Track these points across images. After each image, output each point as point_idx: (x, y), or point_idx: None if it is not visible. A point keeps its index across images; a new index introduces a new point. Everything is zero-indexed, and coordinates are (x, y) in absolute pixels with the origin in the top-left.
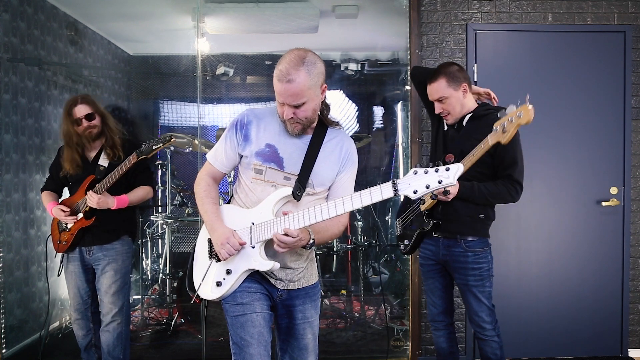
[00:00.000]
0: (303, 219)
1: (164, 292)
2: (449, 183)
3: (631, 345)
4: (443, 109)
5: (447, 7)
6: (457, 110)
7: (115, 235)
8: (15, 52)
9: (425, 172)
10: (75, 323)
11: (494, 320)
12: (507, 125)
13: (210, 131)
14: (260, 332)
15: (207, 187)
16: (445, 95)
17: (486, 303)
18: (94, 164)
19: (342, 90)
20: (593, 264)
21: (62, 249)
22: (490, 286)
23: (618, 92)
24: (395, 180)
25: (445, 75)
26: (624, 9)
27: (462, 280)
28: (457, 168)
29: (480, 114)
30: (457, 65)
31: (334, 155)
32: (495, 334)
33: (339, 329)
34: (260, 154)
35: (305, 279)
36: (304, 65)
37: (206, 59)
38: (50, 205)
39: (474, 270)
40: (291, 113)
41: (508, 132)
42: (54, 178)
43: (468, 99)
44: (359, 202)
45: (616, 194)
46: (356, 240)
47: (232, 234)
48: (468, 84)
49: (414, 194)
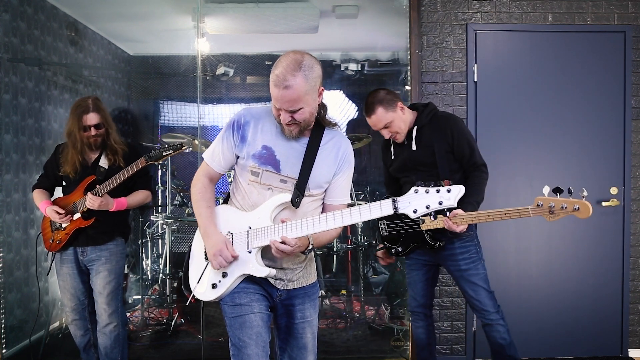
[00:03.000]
0: (301, 229)
1: (164, 292)
2: (450, 205)
3: (631, 345)
4: (391, 132)
5: (447, 7)
6: (403, 127)
7: (109, 236)
8: (15, 52)
9: (426, 192)
10: (73, 324)
11: (496, 305)
12: (558, 210)
13: (211, 131)
14: (258, 333)
15: (203, 189)
16: (388, 120)
17: (483, 286)
18: (94, 165)
19: (342, 91)
20: (593, 264)
21: (54, 247)
22: (484, 269)
23: (618, 92)
24: (396, 198)
25: (379, 103)
26: (624, 9)
27: (454, 267)
28: (459, 190)
29: (424, 122)
30: (383, 89)
31: (331, 157)
32: (499, 317)
33: (339, 329)
34: (256, 156)
35: (305, 279)
36: (301, 70)
37: (206, 59)
38: (44, 204)
39: (462, 255)
40: (288, 117)
41: (557, 216)
42: (49, 176)
43: (407, 114)
44: (358, 217)
45: (616, 194)
46: (356, 240)
47: (225, 245)
48: (400, 101)
49: (413, 213)
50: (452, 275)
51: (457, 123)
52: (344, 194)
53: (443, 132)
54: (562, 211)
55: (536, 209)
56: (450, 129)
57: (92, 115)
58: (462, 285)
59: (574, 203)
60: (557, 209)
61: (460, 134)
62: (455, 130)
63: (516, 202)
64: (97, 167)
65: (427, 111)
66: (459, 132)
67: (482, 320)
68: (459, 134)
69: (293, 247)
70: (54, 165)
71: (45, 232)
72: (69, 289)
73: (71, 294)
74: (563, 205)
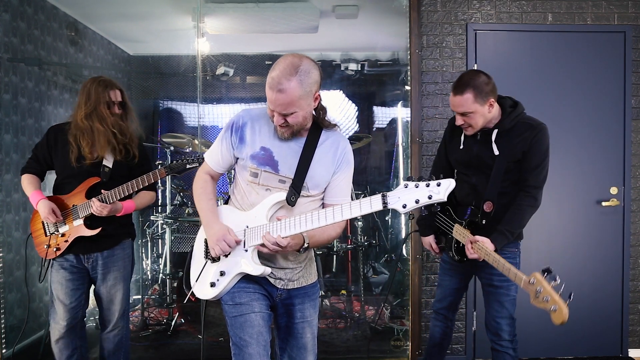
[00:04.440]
0: (294, 226)
1: (164, 292)
2: (439, 199)
3: (631, 345)
4: (465, 122)
5: (447, 7)
6: (480, 123)
7: (116, 240)
8: (15, 52)
9: (415, 186)
10: (59, 343)
11: (513, 333)
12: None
13: (211, 131)
14: (259, 332)
15: (204, 184)
16: (470, 110)
17: (508, 309)
18: (97, 163)
19: (342, 90)
20: (593, 264)
21: (51, 254)
22: (515, 292)
23: (618, 92)
24: (385, 193)
25: (472, 89)
26: (624, 9)
27: (486, 279)
28: (449, 184)
29: (506, 127)
30: (484, 75)
31: (329, 156)
32: (511, 347)
33: (339, 329)
34: (255, 157)
35: (305, 278)
36: (297, 75)
37: (206, 59)
38: (36, 195)
39: (498, 270)
40: (281, 120)
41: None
42: (39, 160)
43: (493, 112)
44: (349, 213)
45: (616, 194)
46: (356, 240)
47: (228, 231)
48: (494, 97)
49: (403, 208)
50: (482, 286)
51: (541, 132)
52: (344, 194)
53: (522, 142)
54: (542, 302)
55: (527, 284)
56: (532, 138)
57: (117, 92)
58: (488, 300)
59: (556, 303)
60: (541, 298)
61: (539, 144)
62: (536, 141)
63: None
64: (102, 167)
65: (513, 115)
66: (539, 142)
67: (493, 343)
68: (538, 144)
69: (285, 246)
70: (45, 150)
71: (37, 234)
72: (63, 300)
73: (66, 305)
74: (546, 298)
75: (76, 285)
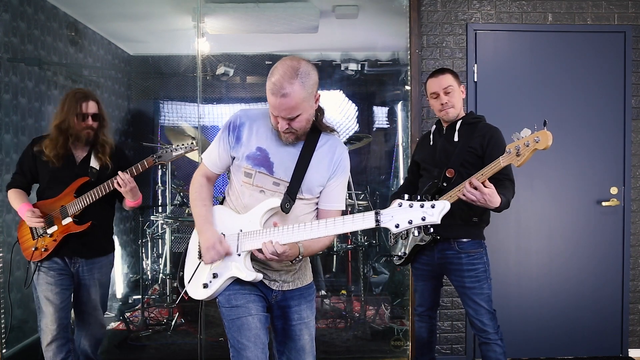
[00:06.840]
0: (289, 234)
1: (164, 292)
2: (433, 221)
3: (631, 345)
4: (448, 101)
5: (447, 7)
6: (458, 106)
7: (101, 251)
8: (15, 52)
9: (410, 206)
10: (53, 345)
11: (496, 325)
12: (522, 149)
13: (211, 131)
14: (256, 335)
15: (200, 188)
16: (452, 85)
17: (485, 306)
18: (84, 165)
19: (342, 90)
20: (593, 264)
21: (38, 256)
22: (489, 289)
23: (618, 92)
24: (379, 211)
25: (450, 72)
26: (624, 9)
27: (458, 282)
28: (444, 206)
29: (469, 121)
30: None
31: (325, 162)
32: (498, 337)
33: (339, 329)
34: (250, 157)
35: (300, 280)
36: (297, 78)
37: (206, 59)
38: (25, 207)
39: (469, 272)
40: (286, 125)
41: (523, 155)
42: (25, 173)
43: (462, 101)
44: (341, 227)
45: (616, 194)
46: (356, 240)
47: (220, 241)
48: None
49: (395, 227)
50: (456, 289)
51: (498, 132)
52: (338, 200)
53: (481, 137)
54: (527, 149)
55: (506, 157)
56: (490, 137)
57: (92, 104)
58: (464, 302)
59: (533, 136)
60: (523, 149)
61: (497, 139)
62: (495, 138)
63: (516, 202)
64: (90, 168)
65: (475, 115)
66: (497, 138)
67: (480, 338)
68: (496, 139)
69: (281, 253)
70: (30, 159)
71: (24, 239)
72: (53, 300)
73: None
74: (527, 143)
75: (65, 285)
